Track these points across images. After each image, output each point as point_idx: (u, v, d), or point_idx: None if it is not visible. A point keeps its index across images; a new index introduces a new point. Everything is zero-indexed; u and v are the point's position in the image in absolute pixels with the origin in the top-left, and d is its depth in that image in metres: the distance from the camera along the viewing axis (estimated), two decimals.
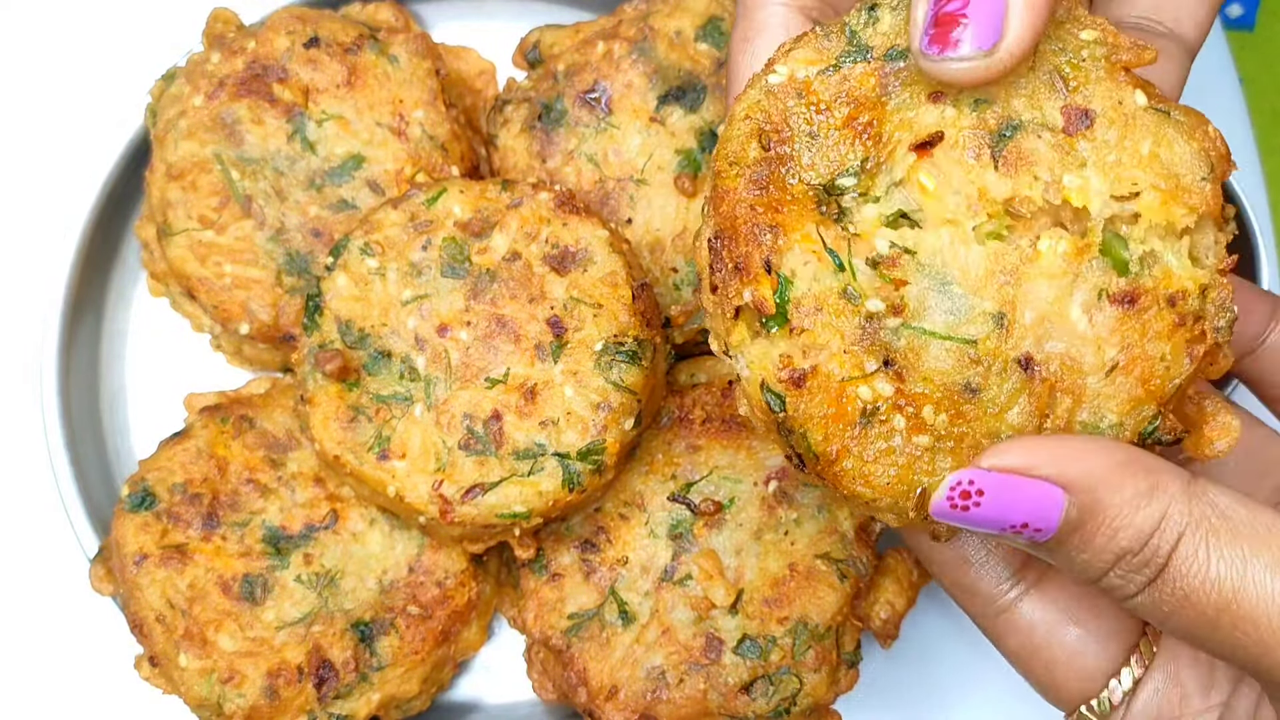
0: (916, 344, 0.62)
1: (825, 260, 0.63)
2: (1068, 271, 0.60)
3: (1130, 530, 0.59)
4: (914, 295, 0.61)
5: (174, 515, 0.96)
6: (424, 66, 1.03)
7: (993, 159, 0.62)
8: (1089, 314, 0.61)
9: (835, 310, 0.61)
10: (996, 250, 0.60)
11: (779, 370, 0.61)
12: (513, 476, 0.90)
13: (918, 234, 0.61)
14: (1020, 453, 0.59)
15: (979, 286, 0.61)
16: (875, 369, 0.61)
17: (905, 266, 0.61)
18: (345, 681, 0.94)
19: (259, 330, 1.01)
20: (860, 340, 0.61)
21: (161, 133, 1.02)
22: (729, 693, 0.91)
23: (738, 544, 0.94)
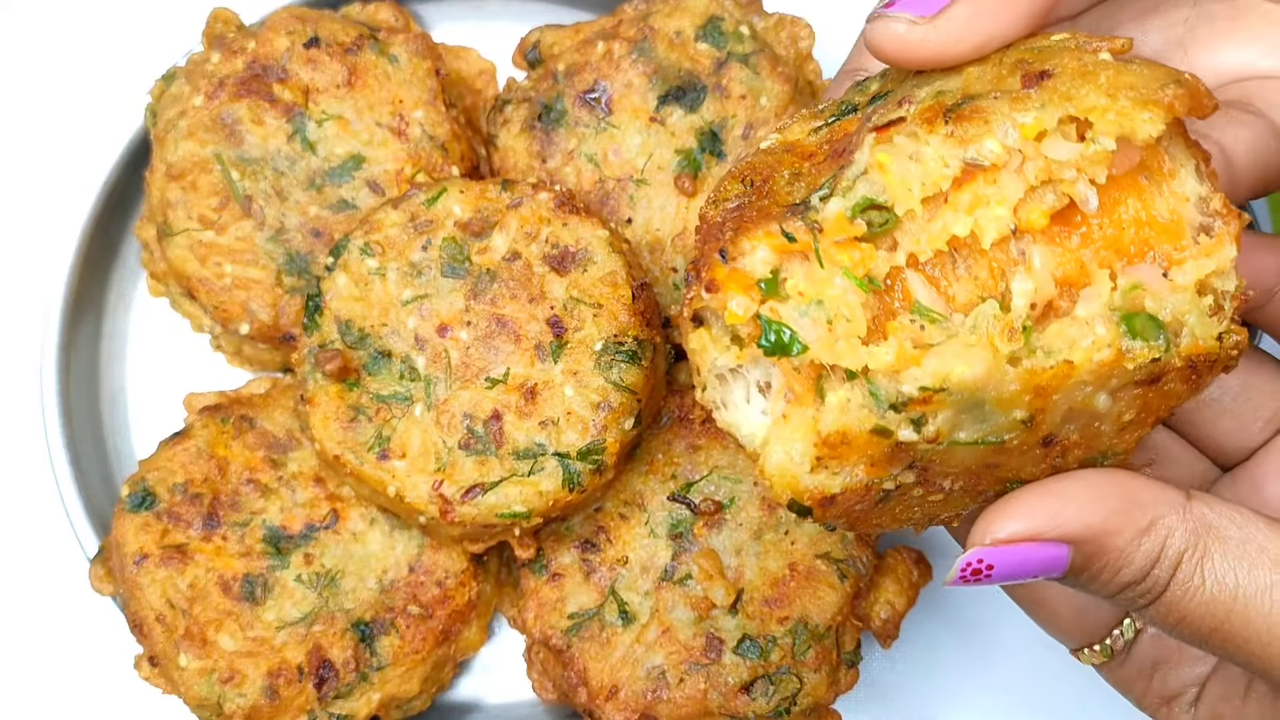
0: (945, 455, 0.61)
1: (809, 256, 0.60)
2: (1101, 377, 0.59)
3: (1132, 568, 0.61)
4: (946, 420, 0.59)
5: (174, 515, 0.96)
6: (424, 66, 1.03)
7: (944, 120, 0.60)
8: (1113, 396, 0.60)
9: (864, 443, 0.58)
10: (1032, 371, 0.57)
11: (808, 494, 0.60)
12: (513, 476, 0.90)
13: (947, 365, 0.57)
14: (1022, 518, 0.61)
15: (1011, 403, 0.58)
16: (900, 471, 0.61)
17: (938, 404, 0.58)
18: (345, 681, 0.94)
19: (259, 330, 1.01)
20: (889, 456, 0.60)
21: (161, 133, 1.02)
22: (729, 692, 0.91)
23: (738, 544, 0.94)
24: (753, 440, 0.61)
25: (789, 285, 0.60)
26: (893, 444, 0.59)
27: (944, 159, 0.59)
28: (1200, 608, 0.61)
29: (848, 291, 0.59)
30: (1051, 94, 0.59)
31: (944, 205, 0.60)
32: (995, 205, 0.59)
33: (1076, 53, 0.61)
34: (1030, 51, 0.63)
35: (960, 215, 0.60)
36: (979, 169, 0.60)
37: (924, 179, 0.59)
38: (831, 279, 0.59)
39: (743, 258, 0.60)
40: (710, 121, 1.00)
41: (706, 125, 1.00)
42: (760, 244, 0.60)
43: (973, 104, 0.60)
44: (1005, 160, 0.59)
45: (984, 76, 0.63)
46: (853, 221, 0.60)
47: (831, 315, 0.59)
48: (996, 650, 1.09)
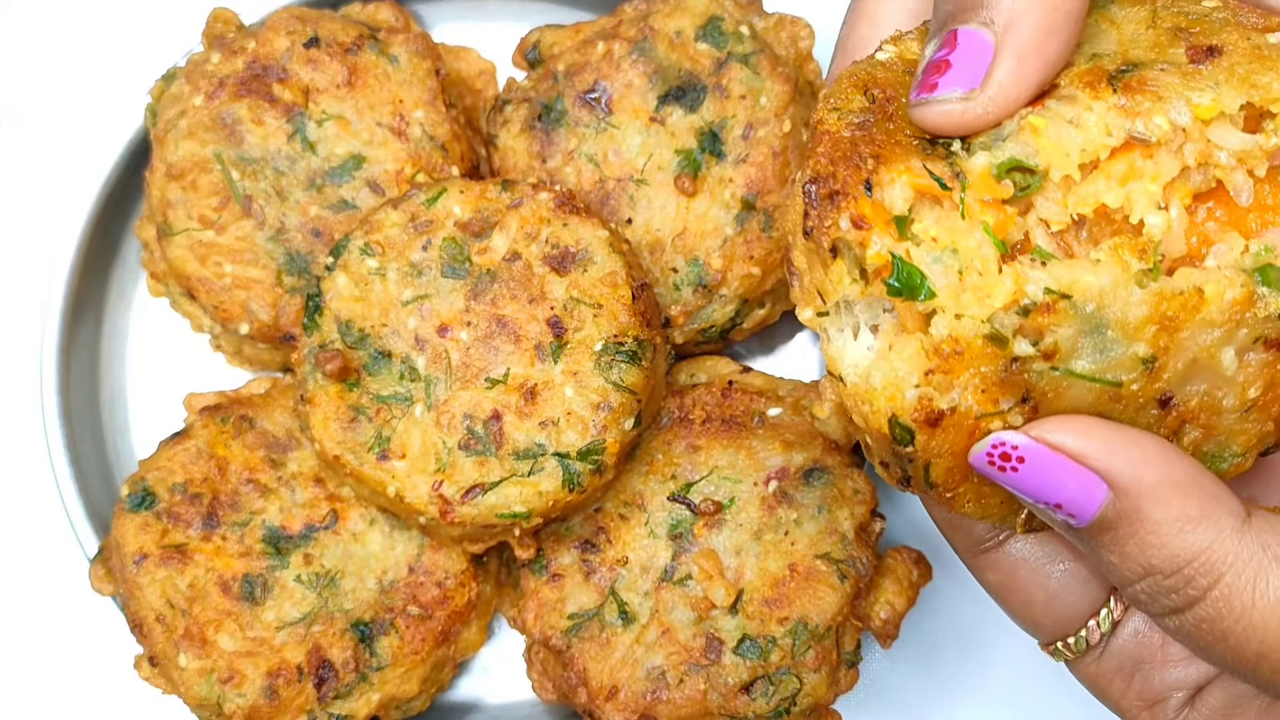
0: (1059, 383, 0.58)
1: (944, 202, 0.58)
2: (1231, 319, 0.57)
3: (1165, 551, 0.57)
4: (1065, 338, 0.57)
5: (174, 515, 0.96)
6: (424, 66, 1.03)
7: (1111, 88, 0.58)
8: (1240, 356, 0.58)
9: (978, 354, 0.56)
10: (1160, 293, 0.56)
11: (914, 409, 0.56)
12: (513, 476, 0.90)
13: (1074, 273, 0.56)
14: (1074, 432, 0.57)
15: (1135, 331, 0.57)
16: (1011, 406, 0.58)
17: (1061, 312, 0.56)
18: (345, 681, 0.94)
19: (259, 330, 1.01)
20: (1001, 380, 0.57)
21: (161, 133, 1.02)
22: (729, 693, 0.91)
23: (738, 544, 0.94)
24: (855, 370, 0.58)
25: (920, 228, 0.58)
26: (1008, 359, 0.56)
27: (1109, 128, 0.58)
28: (1248, 630, 0.56)
29: (984, 245, 0.58)
30: (1229, 74, 0.57)
31: (1095, 173, 0.59)
32: (1150, 180, 0.58)
33: (1241, 29, 0.59)
34: (1183, 18, 0.61)
35: (1113, 185, 0.58)
36: (1142, 143, 0.58)
37: (1085, 145, 0.58)
38: (971, 232, 0.58)
39: (884, 190, 0.58)
40: (710, 121, 1.00)
41: (706, 125, 1.00)
42: (902, 178, 0.58)
43: (1139, 73, 0.59)
44: (1170, 138, 0.58)
45: (1139, 40, 0.61)
46: (999, 181, 0.59)
47: (964, 266, 0.58)
48: (996, 651, 1.09)
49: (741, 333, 1.03)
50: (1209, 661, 0.60)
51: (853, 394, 0.58)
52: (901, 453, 0.58)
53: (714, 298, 1.00)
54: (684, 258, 0.99)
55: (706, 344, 1.03)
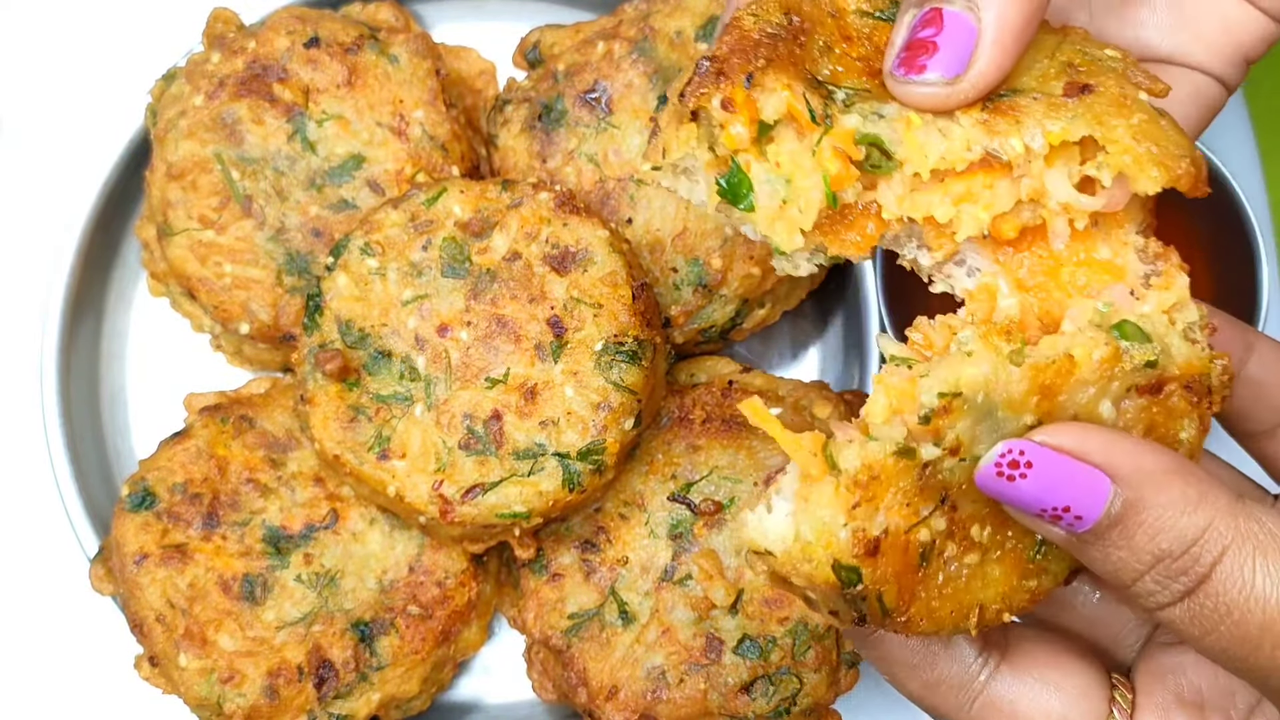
0: (969, 471, 0.60)
1: (805, 136, 0.62)
2: (1102, 375, 0.60)
3: (1173, 533, 0.58)
4: (964, 430, 0.59)
5: (174, 515, 0.96)
6: (424, 66, 1.03)
7: (981, 106, 0.63)
8: (1116, 406, 0.61)
9: (892, 472, 0.58)
10: (1036, 366, 0.59)
11: (852, 547, 0.57)
12: (513, 476, 0.90)
13: (955, 369, 0.59)
14: (1074, 435, 0.59)
15: (1021, 405, 0.60)
16: (932, 510, 0.60)
17: (956, 410, 0.59)
18: (345, 681, 0.94)
19: (259, 330, 1.01)
20: (919, 489, 0.59)
21: (162, 133, 1.02)
22: (729, 693, 0.91)
23: (738, 544, 0.94)
24: (782, 540, 0.59)
25: (773, 149, 0.62)
26: (919, 467, 0.58)
27: (969, 143, 0.62)
28: (1250, 603, 0.57)
29: (815, 190, 0.62)
30: (1088, 111, 0.61)
31: (941, 184, 0.63)
32: (982, 209, 0.62)
33: (1121, 80, 0.63)
34: (1083, 57, 0.64)
35: (948, 201, 0.62)
36: (996, 161, 0.62)
37: (944, 154, 0.62)
38: (812, 174, 0.62)
39: (762, 93, 0.61)
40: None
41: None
42: (783, 93, 0.61)
43: (1013, 99, 0.62)
44: (1021, 160, 0.61)
45: (1034, 68, 0.64)
46: (857, 145, 0.62)
47: (790, 199, 0.63)
48: None
49: (741, 333, 1.03)
50: (1210, 652, 0.60)
51: (788, 561, 0.59)
52: (852, 594, 0.59)
53: (714, 298, 1.00)
54: (684, 258, 0.99)
55: (706, 344, 1.03)
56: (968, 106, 0.62)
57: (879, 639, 0.70)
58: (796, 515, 0.58)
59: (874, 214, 0.64)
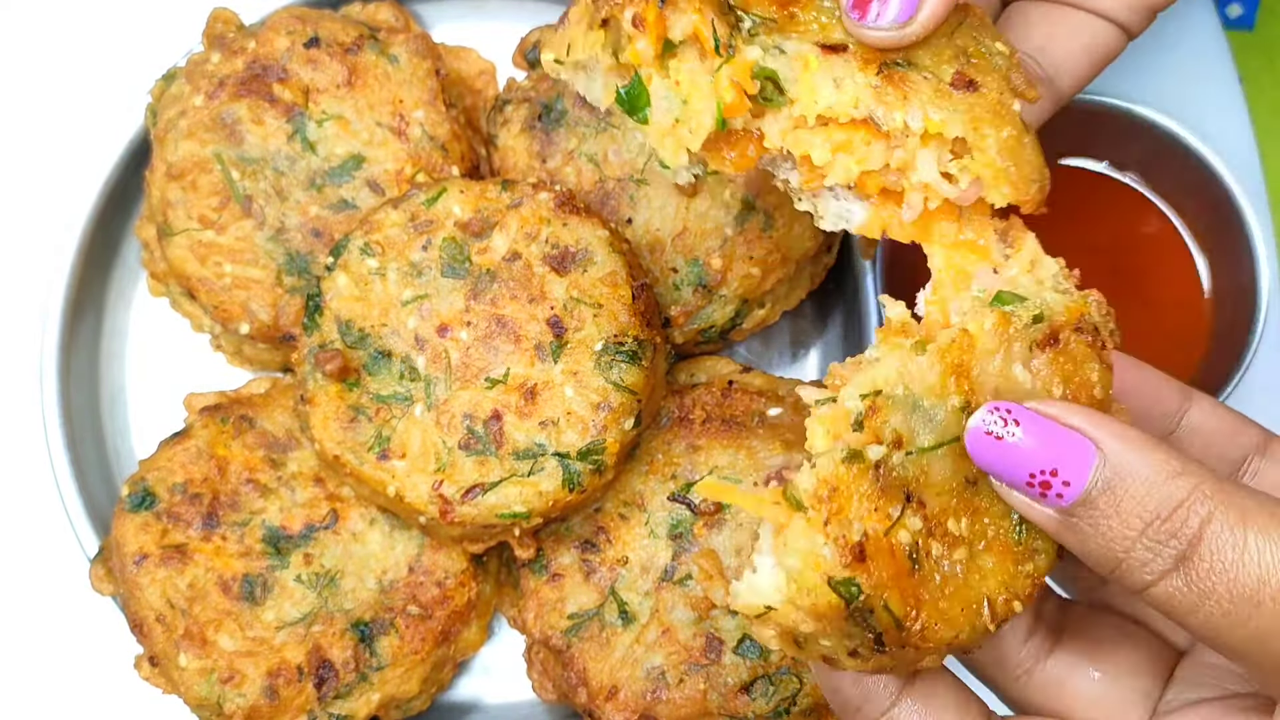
0: (922, 465, 0.63)
1: (706, 59, 0.66)
2: (1001, 339, 0.64)
3: (1160, 495, 0.59)
4: (900, 424, 0.62)
5: (174, 515, 0.96)
6: (424, 66, 1.03)
7: (879, 72, 0.67)
8: (1028, 367, 0.64)
9: (847, 480, 0.61)
10: (940, 350, 0.63)
11: (840, 559, 0.59)
12: (513, 476, 0.90)
13: (868, 373, 0.63)
14: (1058, 406, 0.62)
15: (942, 390, 0.63)
16: (901, 510, 0.62)
17: (883, 408, 0.62)
18: (345, 681, 0.94)
19: (259, 330, 1.01)
20: (881, 491, 0.61)
21: (162, 133, 1.02)
22: (729, 693, 0.91)
23: (738, 544, 0.94)
24: (776, 588, 0.60)
25: (675, 65, 0.67)
26: (871, 469, 0.61)
27: (858, 101, 0.66)
28: (1244, 557, 0.58)
29: (708, 115, 0.67)
30: (968, 110, 0.66)
31: (825, 128, 0.68)
32: (855, 161, 0.68)
33: (1003, 83, 0.68)
34: (975, 46, 0.69)
35: (826, 146, 0.68)
36: (875, 127, 0.67)
37: (833, 104, 0.67)
38: (707, 97, 0.67)
39: (673, 13, 0.66)
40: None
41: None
42: (691, 17, 0.66)
43: (906, 73, 0.67)
44: (898, 133, 0.66)
45: (933, 43, 0.69)
46: (753, 78, 0.66)
47: (683, 119, 0.68)
48: None
49: (741, 333, 1.03)
50: (1206, 627, 0.60)
51: (789, 604, 0.60)
52: (858, 608, 0.60)
53: (714, 298, 1.00)
54: (684, 258, 0.99)
55: (706, 344, 1.03)
56: (865, 65, 0.67)
57: None
58: (779, 559, 0.60)
59: (756, 140, 0.69)
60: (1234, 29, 1.15)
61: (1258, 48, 1.16)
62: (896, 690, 0.69)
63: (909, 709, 0.70)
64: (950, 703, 0.69)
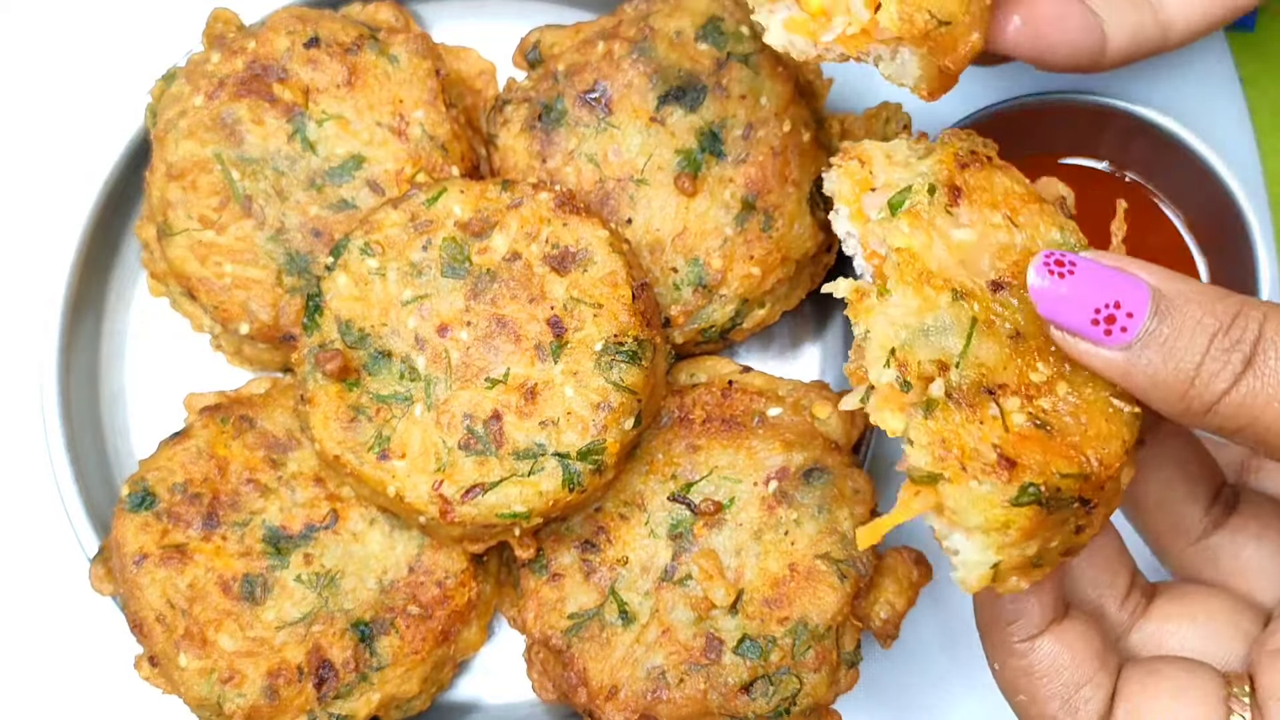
0: (974, 362, 0.67)
1: None
2: (927, 228, 0.69)
3: (1217, 310, 0.63)
4: (930, 354, 0.67)
5: (174, 515, 0.96)
6: (424, 66, 1.03)
7: None
8: (967, 225, 0.70)
9: (940, 424, 0.65)
10: (899, 280, 0.68)
11: (997, 480, 0.63)
12: (513, 476, 0.90)
13: (872, 344, 0.67)
14: (1106, 254, 0.67)
15: (927, 303, 0.68)
16: (995, 404, 0.65)
17: (906, 357, 0.66)
18: (345, 681, 0.94)
19: (259, 330, 1.01)
20: (968, 408, 0.66)
21: (161, 133, 1.02)
22: (729, 693, 0.91)
23: (738, 544, 0.94)
24: (984, 547, 0.65)
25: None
26: (946, 401, 0.65)
27: None
28: None
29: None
30: None
31: None
32: None
33: None
34: None
35: None
36: None
37: None
38: None
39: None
40: (710, 121, 1.00)
41: (706, 125, 1.00)
42: None
43: None
44: None
45: None
46: None
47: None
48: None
49: (741, 333, 1.03)
50: (1264, 417, 0.64)
51: (1005, 552, 0.65)
52: (1048, 500, 0.64)
53: (714, 298, 1.00)
54: (684, 258, 0.99)
55: (706, 344, 1.03)
56: None
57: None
58: (965, 530, 0.64)
59: None
60: (1234, 30, 1.15)
61: (1258, 49, 1.16)
62: (1133, 603, 0.77)
63: (1155, 624, 0.78)
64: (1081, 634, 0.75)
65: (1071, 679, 0.75)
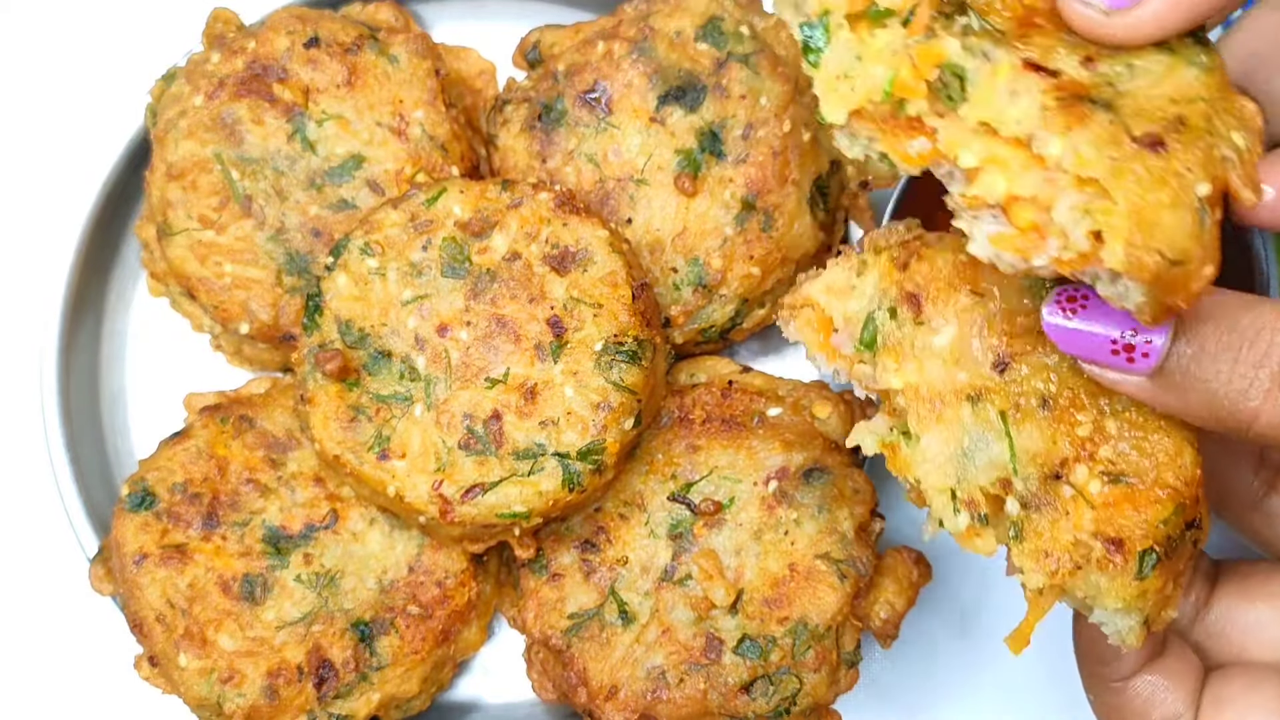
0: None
1: (896, 34, 0.63)
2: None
3: (1241, 325, 0.60)
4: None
5: (174, 515, 0.96)
6: (424, 66, 1.03)
7: (1060, 98, 0.61)
8: None
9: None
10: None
11: (1115, 559, 0.63)
12: (513, 476, 0.90)
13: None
14: None
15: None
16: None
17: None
18: (345, 681, 0.94)
19: (259, 330, 1.01)
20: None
21: (161, 132, 1.02)
22: (729, 692, 0.91)
23: (738, 544, 0.94)
24: (1132, 622, 0.65)
25: (868, 30, 0.64)
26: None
27: (1022, 116, 0.61)
28: None
29: (876, 80, 0.64)
30: (1125, 162, 0.58)
31: (985, 134, 0.62)
32: (1004, 178, 0.61)
33: (1201, 161, 0.59)
34: (1200, 119, 0.61)
35: (977, 152, 0.62)
36: (1025, 145, 0.61)
37: (999, 112, 0.61)
38: (884, 64, 0.63)
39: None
40: (710, 121, 1.00)
41: (706, 125, 1.00)
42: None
43: (1094, 110, 0.60)
44: (1051, 161, 0.60)
45: (1149, 94, 0.62)
46: (942, 68, 0.62)
47: (852, 73, 0.64)
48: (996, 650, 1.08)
49: (741, 333, 1.03)
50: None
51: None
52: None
53: (714, 298, 1.00)
54: (684, 258, 0.99)
55: (706, 344, 1.03)
56: (1057, 91, 0.60)
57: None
58: (1116, 612, 0.65)
59: (931, 134, 0.64)
60: None
61: None
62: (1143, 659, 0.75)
63: (1225, 606, 0.77)
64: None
65: (1162, 717, 0.74)
